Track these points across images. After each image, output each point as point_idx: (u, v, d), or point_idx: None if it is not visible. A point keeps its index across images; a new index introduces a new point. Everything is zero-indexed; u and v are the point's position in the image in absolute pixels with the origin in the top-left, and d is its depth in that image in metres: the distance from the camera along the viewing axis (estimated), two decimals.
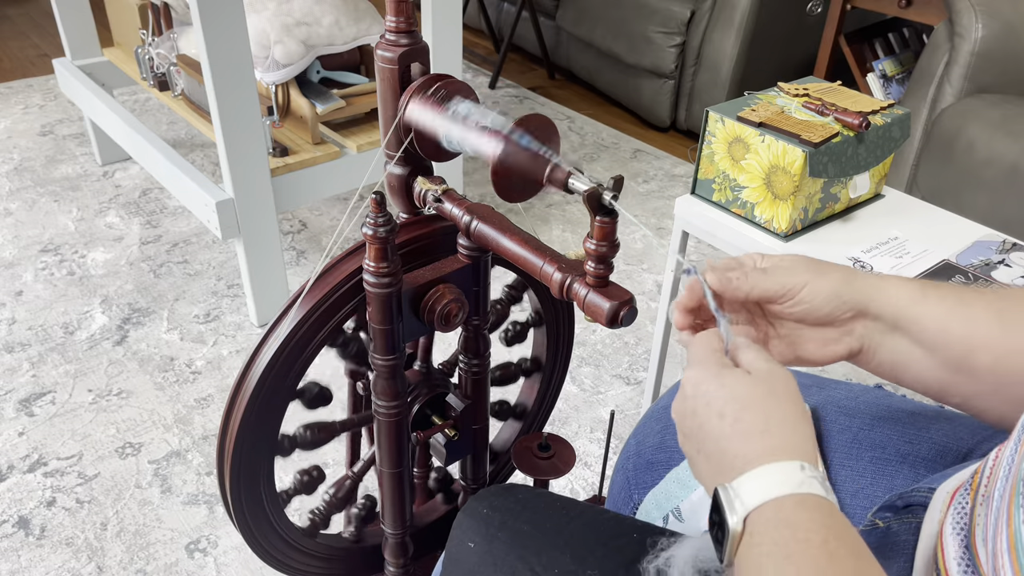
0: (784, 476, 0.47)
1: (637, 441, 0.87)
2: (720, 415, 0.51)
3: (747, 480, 0.48)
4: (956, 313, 0.59)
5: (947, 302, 0.60)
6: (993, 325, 0.58)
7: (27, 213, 2.28)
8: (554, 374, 1.10)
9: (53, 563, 1.32)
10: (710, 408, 0.52)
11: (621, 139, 2.81)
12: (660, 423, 0.84)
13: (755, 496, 0.47)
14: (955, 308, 0.59)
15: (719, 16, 2.57)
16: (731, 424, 0.50)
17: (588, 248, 0.65)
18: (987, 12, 1.84)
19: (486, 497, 0.70)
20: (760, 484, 0.47)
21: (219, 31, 1.50)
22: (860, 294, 0.61)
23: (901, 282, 0.62)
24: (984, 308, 0.59)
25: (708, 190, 1.29)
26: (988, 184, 1.74)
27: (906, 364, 0.62)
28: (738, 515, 0.47)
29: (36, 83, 3.06)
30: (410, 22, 0.74)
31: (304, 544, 0.95)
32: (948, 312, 0.59)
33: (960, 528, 0.50)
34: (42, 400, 1.64)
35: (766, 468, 0.48)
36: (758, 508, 0.46)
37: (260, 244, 1.76)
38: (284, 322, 0.80)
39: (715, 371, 0.54)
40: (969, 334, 0.58)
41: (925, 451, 0.70)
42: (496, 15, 3.46)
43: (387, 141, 0.78)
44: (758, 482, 0.47)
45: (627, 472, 0.87)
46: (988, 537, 0.46)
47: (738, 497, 0.47)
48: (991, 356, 0.58)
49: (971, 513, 0.50)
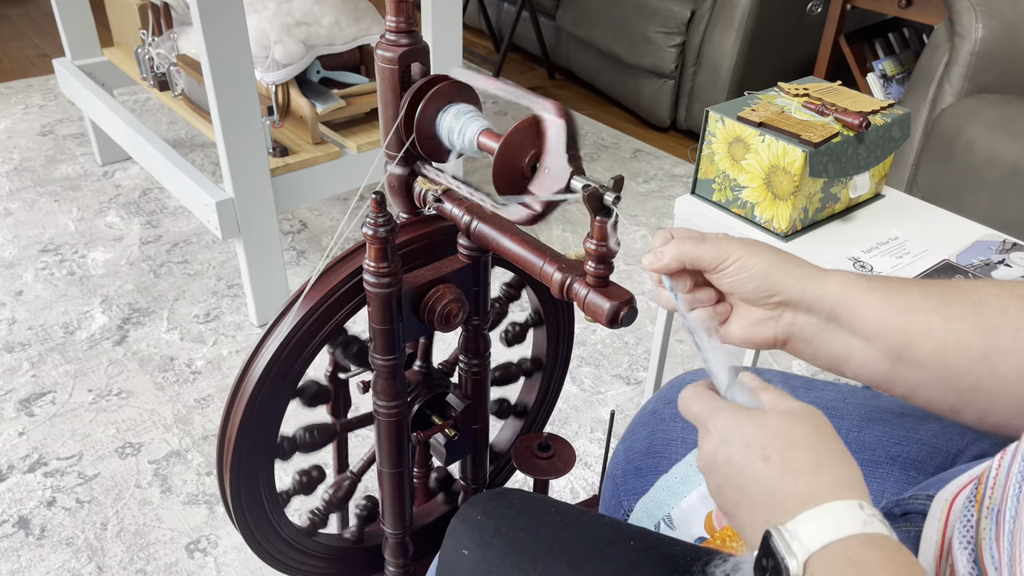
0: (846, 515, 0.44)
1: (625, 447, 0.86)
2: (765, 458, 0.48)
3: (805, 520, 0.45)
4: (894, 303, 0.59)
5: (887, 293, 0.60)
6: (933, 315, 0.58)
7: (27, 213, 2.28)
8: (554, 373, 1.10)
9: (53, 563, 1.32)
10: (750, 451, 0.49)
11: (621, 139, 2.81)
12: (648, 428, 0.84)
13: (817, 538, 0.44)
14: (894, 298, 0.59)
15: (719, 16, 2.57)
16: (779, 465, 0.48)
17: (588, 248, 0.65)
18: (987, 12, 1.84)
19: (480, 503, 0.69)
20: (821, 524, 0.44)
21: (219, 31, 1.50)
22: (792, 281, 0.61)
23: (842, 275, 0.62)
24: (924, 298, 0.59)
25: (708, 190, 1.29)
26: (988, 184, 1.74)
27: (846, 355, 0.62)
28: (799, 559, 0.44)
29: (36, 83, 3.06)
30: (410, 22, 0.74)
31: (304, 544, 0.95)
32: (886, 301, 0.59)
33: (967, 542, 0.49)
34: (42, 400, 1.64)
35: (825, 508, 0.45)
36: (820, 550, 0.44)
37: (260, 244, 1.76)
38: (284, 322, 0.80)
39: (745, 414, 0.51)
40: (907, 323, 0.58)
41: (915, 452, 0.70)
42: (496, 15, 3.46)
43: (387, 141, 0.78)
44: (818, 522, 0.44)
45: (616, 479, 0.86)
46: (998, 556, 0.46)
47: (796, 539, 0.44)
48: (931, 346, 0.57)
49: (977, 527, 0.50)
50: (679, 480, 0.79)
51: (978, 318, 0.57)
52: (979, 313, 0.57)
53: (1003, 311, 0.56)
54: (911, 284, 0.60)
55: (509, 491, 0.71)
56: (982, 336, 0.56)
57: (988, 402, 0.57)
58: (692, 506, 0.77)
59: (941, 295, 0.58)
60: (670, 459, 0.80)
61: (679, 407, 0.56)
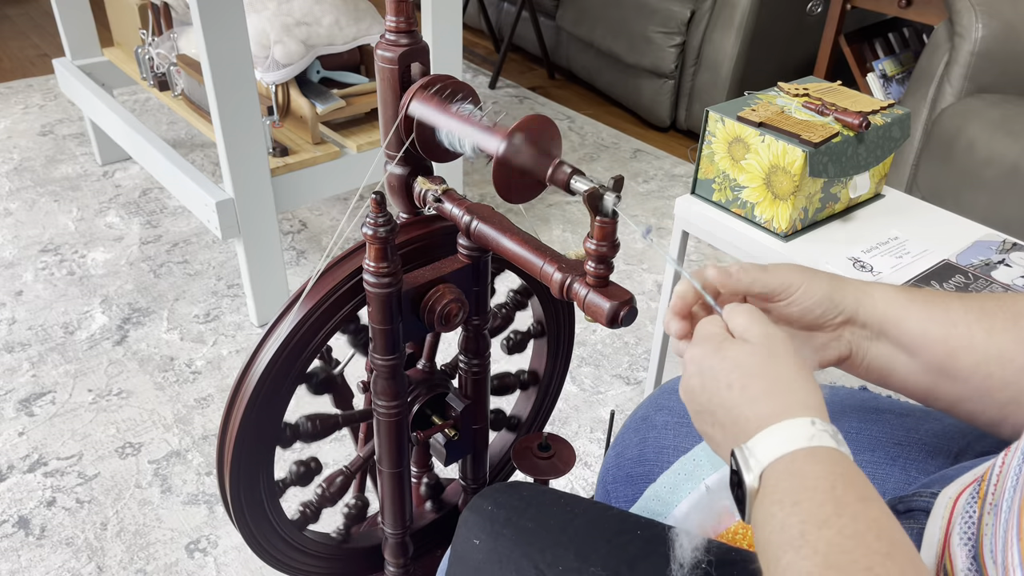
0: (795, 431, 0.49)
1: (616, 453, 0.86)
2: (728, 386, 0.53)
3: (760, 439, 0.50)
4: (936, 317, 0.60)
5: (928, 306, 0.61)
6: (975, 328, 0.59)
7: (27, 213, 2.28)
8: (550, 387, 1.10)
9: (53, 563, 1.32)
10: (717, 381, 0.54)
11: (621, 139, 2.81)
12: (638, 435, 0.84)
13: (769, 452, 0.49)
14: (935, 312, 0.60)
15: (719, 16, 2.57)
16: (739, 392, 0.52)
17: (588, 248, 0.65)
18: (987, 12, 1.84)
19: (491, 494, 0.70)
20: (773, 441, 0.49)
21: (219, 31, 1.50)
22: (850, 299, 0.63)
23: (885, 288, 0.63)
24: (964, 312, 0.60)
25: (708, 190, 1.29)
26: (988, 184, 1.74)
27: (892, 368, 0.63)
28: (754, 472, 0.49)
29: (36, 83, 3.06)
30: (410, 22, 0.74)
31: (304, 544, 0.95)
32: (929, 316, 0.60)
33: (968, 538, 0.50)
34: (42, 400, 1.64)
35: (777, 426, 0.49)
36: (772, 463, 0.48)
37: (260, 244, 1.76)
38: (284, 322, 0.80)
39: (715, 345, 0.56)
40: (949, 336, 0.59)
41: (915, 453, 0.70)
42: (496, 15, 3.46)
43: (387, 141, 0.78)
44: (771, 439, 0.49)
45: (607, 485, 0.86)
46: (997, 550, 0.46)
47: (752, 456, 0.49)
48: (973, 359, 0.58)
49: (979, 523, 0.50)
50: (668, 489, 0.79)
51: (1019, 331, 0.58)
52: (1020, 325, 0.58)
53: None
54: (950, 297, 0.62)
55: (520, 483, 0.72)
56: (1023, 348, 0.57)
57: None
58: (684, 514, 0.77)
59: (981, 308, 0.60)
60: (661, 467, 0.80)
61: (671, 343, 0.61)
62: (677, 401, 0.83)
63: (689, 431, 0.80)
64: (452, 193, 0.79)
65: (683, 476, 0.78)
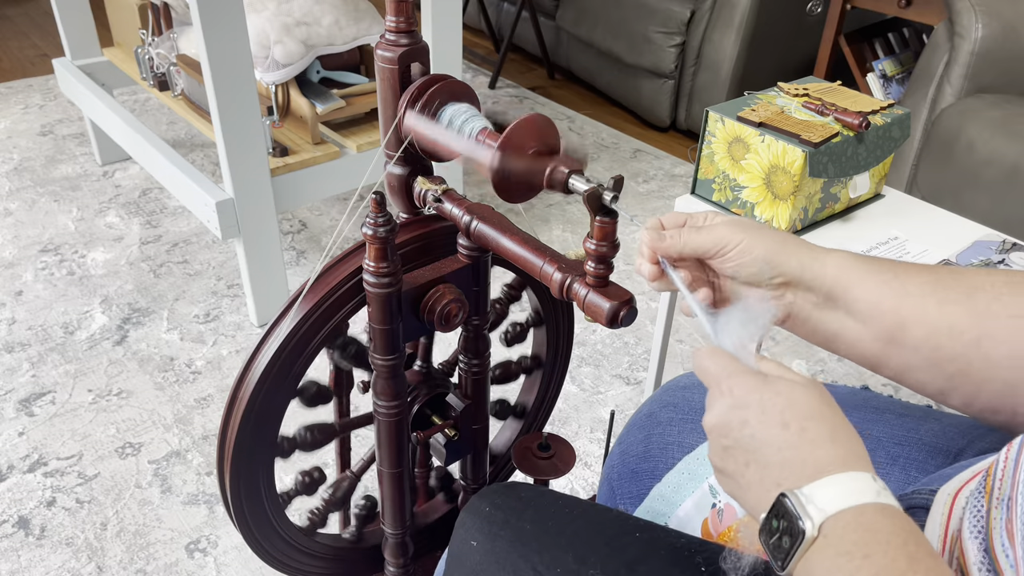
0: (862, 485, 0.47)
1: (621, 451, 0.86)
2: (783, 424, 0.50)
3: (822, 487, 0.47)
4: (890, 286, 0.60)
5: (882, 274, 0.61)
6: (928, 299, 0.59)
7: (27, 213, 2.28)
8: (554, 372, 1.10)
9: (53, 563, 1.32)
10: (767, 417, 0.50)
11: (621, 139, 2.81)
12: (643, 431, 0.84)
13: (834, 502, 0.46)
14: (889, 281, 0.60)
15: (719, 16, 2.57)
16: (797, 433, 0.49)
17: (588, 248, 0.65)
18: (987, 12, 1.84)
19: (488, 496, 0.70)
20: (838, 491, 0.46)
21: (219, 31, 1.50)
22: (793, 262, 0.62)
23: (840, 255, 0.63)
24: (919, 282, 0.59)
25: (708, 190, 1.29)
26: (988, 184, 1.74)
27: (839, 334, 0.63)
28: (814, 520, 0.45)
29: (36, 83, 3.06)
30: (410, 22, 0.74)
31: (304, 544, 0.95)
32: (882, 284, 0.60)
33: (978, 532, 0.50)
34: (42, 400, 1.64)
35: (841, 476, 0.47)
36: (836, 514, 0.46)
37: (260, 244, 1.76)
38: (284, 322, 0.80)
39: (762, 379, 0.52)
40: (900, 306, 0.59)
41: (915, 452, 0.70)
42: (496, 15, 3.46)
43: (387, 141, 0.78)
44: (835, 489, 0.46)
45: (612, 482, 0.86)
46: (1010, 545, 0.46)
47: (811, 503, 0.46)
48: (923, 330, 0.58)
49: (987, 516, 0.50)
50: (672, 488, 0.79)
51: (972, 303, 0.58)
52: (973, 298, 0.58)
53: (997, 297, 0.57)
54: (908, 267, 0.61)
55: (518, 484, 0.72)
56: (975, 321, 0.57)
57: (976, 387, 0.58)
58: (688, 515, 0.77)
59: (937, 279, 0.59)
60: (666, 463, 0.80)
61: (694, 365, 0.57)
62: (682, 398, 0.83)
63: (694, 427, 0.80)
64: (452, 193, 0.79)
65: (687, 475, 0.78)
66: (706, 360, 0.55)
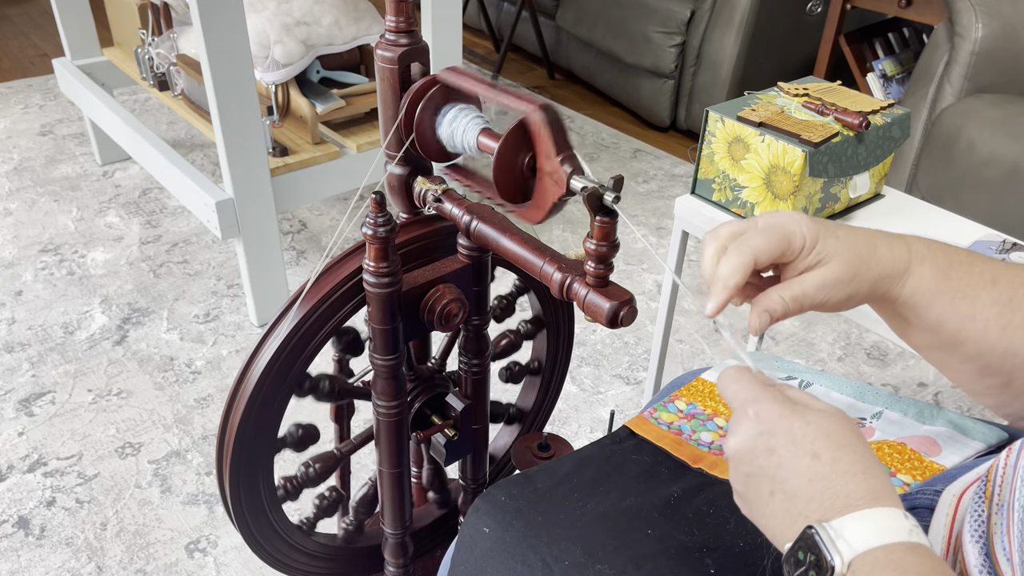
0: (893, 523, 0.45)
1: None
2: (814, 455, 0.48)
3: (852, 521, 0.45)
4: (959, 309, 0.58)
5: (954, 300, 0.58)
6: (992, 323, 0.58)
7: (27, 213, 2.28)
8: (553, 378, 1.10)
9: (53, 563, 1.32)
10: (797, 447, 0.49)
11: (621, 139, 2.81)
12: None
13: (864, 539, 0.45)
14: (958, 304, 0.58)
15: (719, 16, 2.57)
16: (829, 464, 0.48)
17: (588, 248, 0.65)
18: (987, 12, 1.84)
19: (505, 485, 0.71)
20: (868, 527, 0.45)
21: (219, 31, 1.50)
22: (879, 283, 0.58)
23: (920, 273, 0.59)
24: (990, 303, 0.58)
25: (708, 190, 1.29)
26: (988, 184, 1.74)
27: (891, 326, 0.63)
28: (843, 557, 0.44)
29: (36, 83, 3.06)
30: (410, 22, 0.74)
31: (304, 544, 0.95)
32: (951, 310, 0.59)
33: (979, 536, 0.50)
34: (42, 400, 1.64)
35: (873, 512, 0.46)
36: (866, 552, 0.44)
37: (260, 244, 1.76)
38: (284, 322, 0.80)
39: (790, 407, 0.50)
40: (963, 328, 0.59)
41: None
42: (496, 15, 3.46)
43: (387, 141, 0.78)
44: (866, 525, 0.45)
45: None
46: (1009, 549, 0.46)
47: (841, 538, 0.45)
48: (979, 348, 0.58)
49: (988, 521, 0.50)
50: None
51: None
52: None
53: None
54: (984, 285, 0.58)
55: (535, 475, 0.73)
56: None
57: (1013, 396, 0.58)
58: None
59: (1010, 299, 0.57)
60: None
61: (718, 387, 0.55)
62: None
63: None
64: (452, 193, 0.79)
65: None
66: (732, 383, 0.54)
